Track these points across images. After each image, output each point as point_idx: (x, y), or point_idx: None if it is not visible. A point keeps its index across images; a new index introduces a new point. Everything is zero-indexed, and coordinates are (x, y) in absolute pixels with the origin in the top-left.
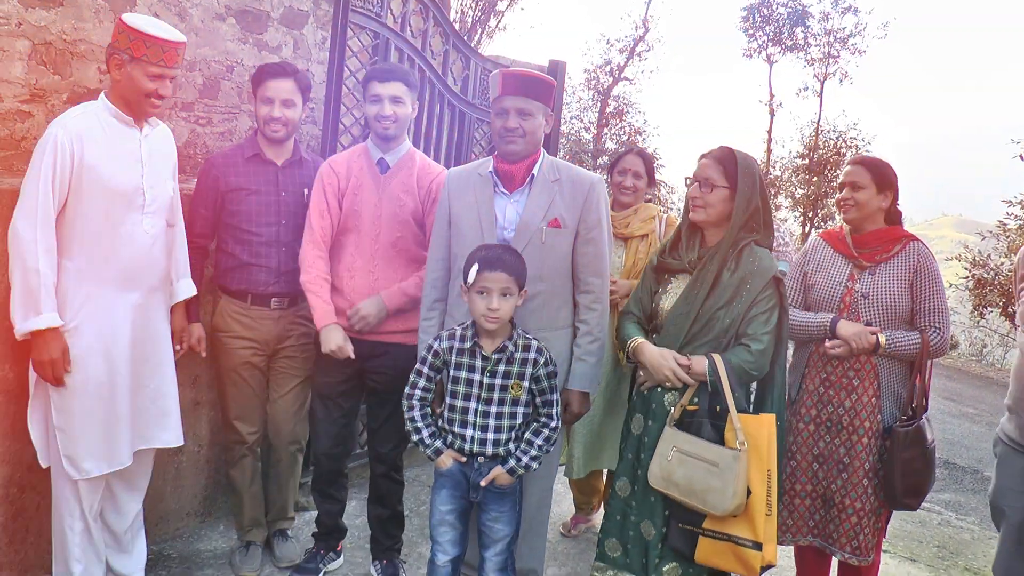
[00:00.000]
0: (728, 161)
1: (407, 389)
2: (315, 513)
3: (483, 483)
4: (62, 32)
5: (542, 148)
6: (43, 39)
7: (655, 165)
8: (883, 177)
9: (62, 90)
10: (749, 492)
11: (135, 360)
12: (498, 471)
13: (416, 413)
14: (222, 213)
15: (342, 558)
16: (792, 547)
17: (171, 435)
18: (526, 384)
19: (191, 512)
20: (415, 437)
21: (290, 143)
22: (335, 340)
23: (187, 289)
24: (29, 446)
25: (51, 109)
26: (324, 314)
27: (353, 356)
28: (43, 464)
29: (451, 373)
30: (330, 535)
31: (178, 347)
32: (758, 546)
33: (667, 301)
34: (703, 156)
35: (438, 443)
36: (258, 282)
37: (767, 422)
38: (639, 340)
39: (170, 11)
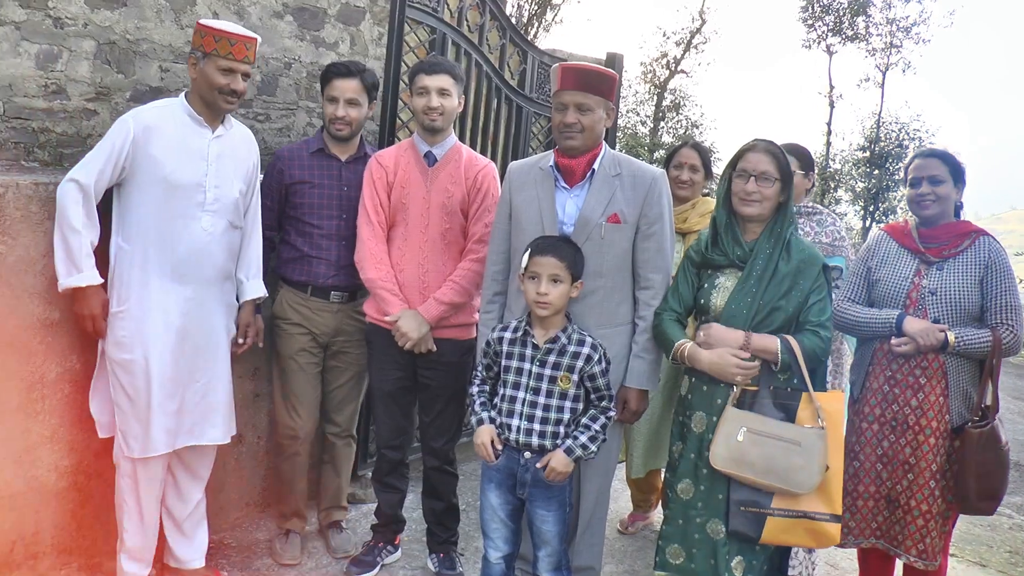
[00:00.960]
0: (779, 154)
1: (473, 372)
2: (372, 506)
3: (539, 465)
4: (125, 31)
5: (604, 142)
6: (107, 38)
7: (712, 158)
8: (957, 169)
9: (125, 88)
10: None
11: (186, 353)
12: (556, 453)
13: (475, 389)
14: (286, 206)
15: (400, 551)
16: (855, 549)
17: (218, 432)
18: (575, 378)
19: (250, 502)
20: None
21: (356, 139)
22: (417, 327)
23: (256, 290)
24: (95, 435)
25: (115, 107)
26: (400, 305)
27: (435, 348)
28: (101, 434)
29: (503, 363)
30: (388, 527)
31: (242, 340)
32: (837, 518)
33: (719, 296)
34: (749, 150)
35: (484, 414)
36: (318, 274)
37: (839, 397)
38: (688, 344)
39: (229, 9)
